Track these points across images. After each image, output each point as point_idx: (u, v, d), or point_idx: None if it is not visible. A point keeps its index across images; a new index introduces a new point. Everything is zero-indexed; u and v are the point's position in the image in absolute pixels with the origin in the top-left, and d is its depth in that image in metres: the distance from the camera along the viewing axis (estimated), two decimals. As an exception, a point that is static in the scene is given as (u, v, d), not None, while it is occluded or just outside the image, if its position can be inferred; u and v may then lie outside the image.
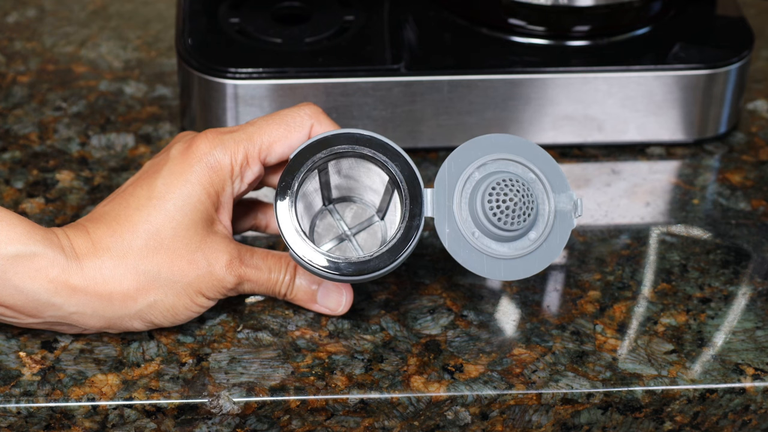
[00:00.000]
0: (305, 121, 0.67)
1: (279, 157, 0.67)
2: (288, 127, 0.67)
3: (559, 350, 0.69)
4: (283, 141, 0.66)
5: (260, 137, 0.66)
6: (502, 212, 0.65)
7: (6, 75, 0.90)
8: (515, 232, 0.65)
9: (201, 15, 0.84)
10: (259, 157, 0.66)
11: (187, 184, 0.65)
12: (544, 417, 0.68)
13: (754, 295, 0.73)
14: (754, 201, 0.80)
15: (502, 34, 0.84)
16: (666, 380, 0.68)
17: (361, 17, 0.84)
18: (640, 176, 0.82)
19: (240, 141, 0.66)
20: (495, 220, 0.65)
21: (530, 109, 0.81)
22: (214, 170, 0.65)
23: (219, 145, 0.65)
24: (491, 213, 0.65)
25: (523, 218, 0.65)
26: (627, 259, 0.76)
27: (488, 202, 0.65)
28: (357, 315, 0.71)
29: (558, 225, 0.67)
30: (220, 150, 0.65)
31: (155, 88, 0.89)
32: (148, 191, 0.65)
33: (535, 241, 0.66)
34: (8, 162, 0.81)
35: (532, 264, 0.66)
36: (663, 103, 0.82)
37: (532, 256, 0.66)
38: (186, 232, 0.65)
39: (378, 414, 0.67)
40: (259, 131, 0.66)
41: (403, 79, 0.80)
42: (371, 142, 0.65)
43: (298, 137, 0.67)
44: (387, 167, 0.65)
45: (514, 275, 0.66)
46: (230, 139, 0.66)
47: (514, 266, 0.66)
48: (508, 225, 0.65)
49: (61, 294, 0.63)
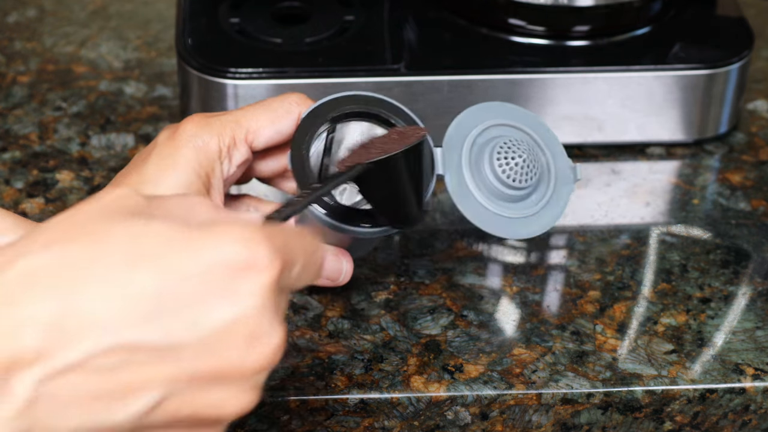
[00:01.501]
0: (293, 107, 0.68)
1: (266, 141, 0.67)
2: (276, 113, 0.67)
3: (559, 350, 0.69)
4: (270, 126, 0.67)
5: (247, 121, 0.67)
6: (511, 169, 0.66)
7: (6, 75, 0.90)
8: (522, 190, 0.67)
9: (201, 15, 0.84)
10: (246, 140, 0.67)
11: (176, 167, 0.65)
12: (544, 417, 0.68)
13: (754, 295, 0.73)
14: (754, 201, 0.80)
15: (502, 34, 0.84)
16: (666, 380, 0.68)
17: (361, 17, 0.84)
18: (640, 176, 0.82)
19: (227, 123, 0.66)
20: (504, 177, 0.67)
21: (530, 109, 0.81)
22: (202, 151, 0.65)
23: (206, 127, 0.66)
24: (500, 170, 0.66)
25: (530, 176, 0.67)
26: (627, 259, 0.76)
27: (497, 159, 0.67)
28: (357, 315, 0.71)
29: (558, 189, 0.69)
30: (207, 132, 0.66)
31: (155, 88, 0.89)
32: (138, 177, 0.65)
33: (538, 203, 0.68)
34: (8, 162, 0.82)
35: (536, 225, 0.68)
36: (663, 103, 0.82)
37: (536, 217, 0.68)
38: None
39: (378, 414, 0.67)
40: (246, 115, 0.67)
41: (403, 79, 0.80)
42: (382, 103, 0.66)
43: (286, 123, 0.67)
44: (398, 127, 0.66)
45: (520, 234, 0.67)
46: (217, 121, 0.66)
47: (520, 225, 0.68)
48: (516, 182, 0.67)
49: None
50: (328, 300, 0.72)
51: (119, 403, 0.45)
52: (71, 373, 0.44)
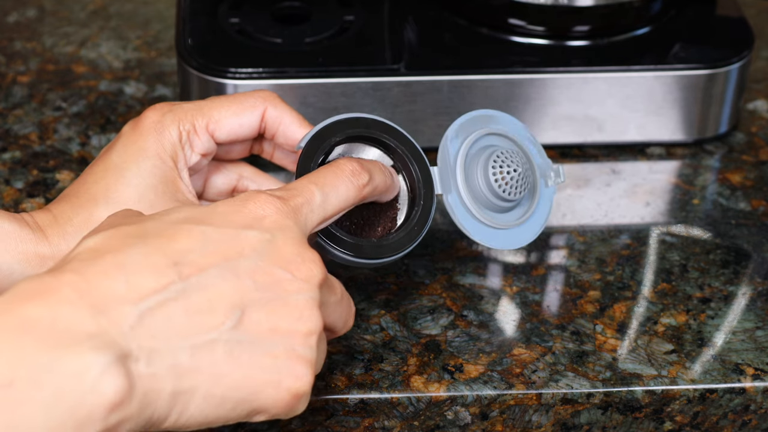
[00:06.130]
0: (258, 103, 0.68)
1: (228, 133, 0.68)
2: (241, 106, 0.68)
3: (559, 350, 0.69)
4: (234, 118, 0.67)
5: (209, 110, 0.67)
6: (507, 183, 0.68)
7: (6, 75, 0.90)
8: (515, 202, 0.69)
9: (201, 15, 0.84)
10: (207, 128, 0.67)
11: (140, 152, 0.66)
12: (544, 417, 0.68)
13: (754, 295, 0.73)
14: (754, 201, 0.80)
15: (502, 34, 0.84)
16: (666, 380, 0.68)
17: (361, 17, 0.84)
18: (640, 176, 0.82)
19: (188, 111, 0.67)
20: (500, 192, 0.68)
21: (530, 109, 0.81)
22: (163, 136, 0.66)
23: (168, 114, 0.66)
24: (497, 185, 0.68)
25: (524, 187, 0.68)
26: (627, 259, 0.76)
27: (492, 174, 0.68)
28: (357, 315, 0.71)
29: (544, 192, 0.71)
30: (169, 117, 0.66)
31: (155, 88, 0.89)
32: (104, 165, 0.66)
33: (529, 209, 0.70)
34: (8, 162, 0.82)
35: (529, 231, 0.70)
36: (663, 103, 0.82)
37: (528, 223, 0.70)
38: (146, 197, 0.65)
39: (378, 414, 0.67)
40: (209, 105, 0.68)
41: (403, 79, 0.80)
42: (380, 125, 0.67)
43: (250, 118, 0.68)
44: (398, 150, 0.66)
45: (518, 243, 0.69)
46: (179, 108, 0.67)
47: (516, 235, 0.69)
48: (511, 195, 0.68)
49: (32, 264, 0.63)
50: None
51: (206, 316, 0.52)
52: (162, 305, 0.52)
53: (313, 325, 0.55)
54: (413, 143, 0.67)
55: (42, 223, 0.64)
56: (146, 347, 0.50)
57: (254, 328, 0.53)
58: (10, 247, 0.63)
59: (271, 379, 0.54)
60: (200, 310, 0.52)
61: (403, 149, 0.67)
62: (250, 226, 0.55)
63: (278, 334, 0.54)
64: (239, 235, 0.55)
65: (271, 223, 0.56)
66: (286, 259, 0.55)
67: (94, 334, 0.49)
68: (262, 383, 0.54)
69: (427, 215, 0.66)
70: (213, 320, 0.52)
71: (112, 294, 0.51)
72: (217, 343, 0.52)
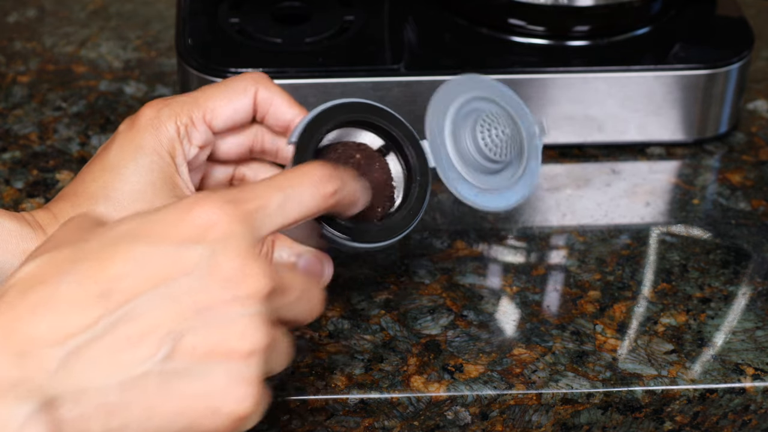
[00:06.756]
0: (248, 85, 0.68)
1: (225, 121, 0.67)
2: (233, 92, 0.68)
3: (559, 350, 0.69)
4: (228, 104, 0.67)
5: (204, 101, 0.67)
6: (496, 145, 0.68)
7: (6, 75, 0.90)
8: (504, 162, 0.69)
9: (201, 15, 0.84)
10: (204, 119, 0.67)
11: (138, 149, 0.66)
12: (544, 417, 0.68)
13: (754, 295, 0.73)
14: (754, 201, 0.80)
15: (502, 34, 0.84)
16: (666, 380, 0.68)
17: (361, 17, 0.84)
18: (640, 176, 0.82)
19: (183, 104, 0.67)
20: (491, 155, 0.68)
21: (530, 109, 0.81)
22: (161, 132, 0.66)
23: (163, 109, 0.66)
24: (487, 149, 0.68)
25: (512, 147, 0.68)
26: (627, 259, 0.76)
27: (482, 139, 0.67)
28: (357, 315, 0.71)
29: (530, 149, 0.70)
30: (165, 113, 0.66)
31: (155, 88, 0.89)
32: (101, 164, 0.66)
33: (519, 168, 0.69)
34: (8, 162, 0.82)
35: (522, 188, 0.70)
36: (663, 103, 0.82)
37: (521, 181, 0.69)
38: (145, 194, 0.65)
39: (378, 414, 0.67)
40: (203, 95, 0.67)
41: (403, 79, 0.80)
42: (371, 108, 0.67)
43: (243, 101, 0.68)
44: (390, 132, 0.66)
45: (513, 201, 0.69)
46: (174, 102, 0.67)
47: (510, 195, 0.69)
48: (500, 156, 0.68)
49: None
50: (328, 300, 0.72)
51: (137, 348, 0.49)
52: (89, 342, 0.49)
53: (256, 342, 0.51)
54: (403, 122, 0.67)
55: (42, 221, 0.65)
56: (72, 389, 0.48)
57: (189, 354, 0.50)
58: (11, 246, 0.63)
59: (209, 405, 0.50)
60: (129, 343, 0.49)
61: (396, 130, 0.67)
62: (192, 240, 0.51)
63: (216, 357, 0.50)
64: (178, 253, 0.51)
65: (216, 233, 0.52)
66: (225, 277, 0.51)
67: (17, 381, 0.47)
68: (200, 412, 0.50)
69: (425, 190, 0.66)
70: (143, 352, 0.49)
71: (37, 336, 0.48)
72: (149, 376, 0.49)
